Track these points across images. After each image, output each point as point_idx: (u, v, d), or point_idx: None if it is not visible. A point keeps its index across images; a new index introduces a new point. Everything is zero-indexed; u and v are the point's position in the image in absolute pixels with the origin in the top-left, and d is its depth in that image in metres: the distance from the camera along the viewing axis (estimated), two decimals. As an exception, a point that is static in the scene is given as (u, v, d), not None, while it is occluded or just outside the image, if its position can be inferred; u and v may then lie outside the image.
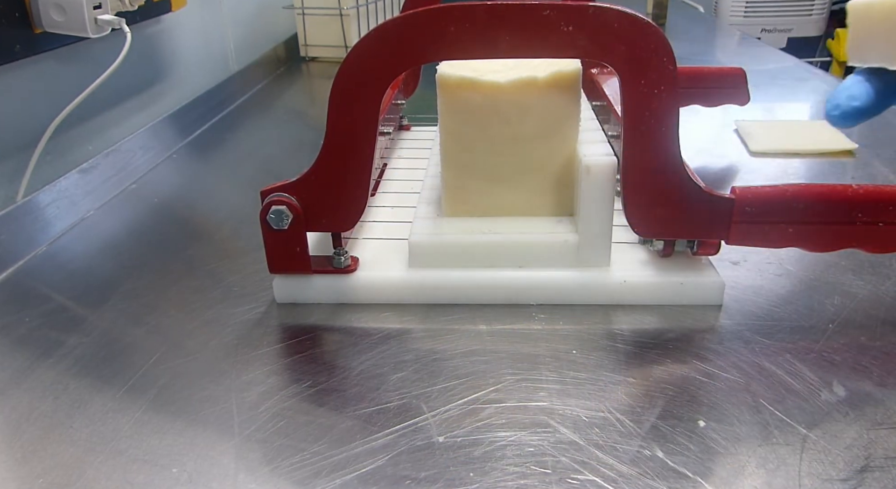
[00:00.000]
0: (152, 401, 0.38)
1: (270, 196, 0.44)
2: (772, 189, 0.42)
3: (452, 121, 0.47)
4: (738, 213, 0.42)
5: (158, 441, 0.35)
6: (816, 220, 0.42)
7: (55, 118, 0.65)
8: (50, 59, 0.66)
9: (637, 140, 0.41)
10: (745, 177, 0.69)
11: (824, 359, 0.40)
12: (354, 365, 0.41)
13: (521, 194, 0.48)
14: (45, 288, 0.51)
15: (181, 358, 0.42)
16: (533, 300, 0.46)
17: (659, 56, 0.39)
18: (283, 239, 0.45)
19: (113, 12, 0.67)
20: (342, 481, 0.32)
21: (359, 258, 0.48)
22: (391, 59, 0.40)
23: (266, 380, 0.40)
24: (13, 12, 0.60)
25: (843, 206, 0.42)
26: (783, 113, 0.89)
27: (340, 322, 0.45)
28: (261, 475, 0.33)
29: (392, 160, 0.67)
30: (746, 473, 0.32)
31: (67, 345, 0.44)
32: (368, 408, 0.37)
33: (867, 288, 0.47)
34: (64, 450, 0.35)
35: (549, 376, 0.39)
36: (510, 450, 0.34)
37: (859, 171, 0.68)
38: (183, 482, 0.33)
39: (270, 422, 0.36)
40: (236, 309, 0.47)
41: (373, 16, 1.23)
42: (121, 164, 0.71)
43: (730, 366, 0.40)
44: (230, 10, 1.06)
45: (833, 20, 2.23)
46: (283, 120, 0.94)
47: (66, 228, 0.60)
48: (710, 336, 0.43)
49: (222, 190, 0.70)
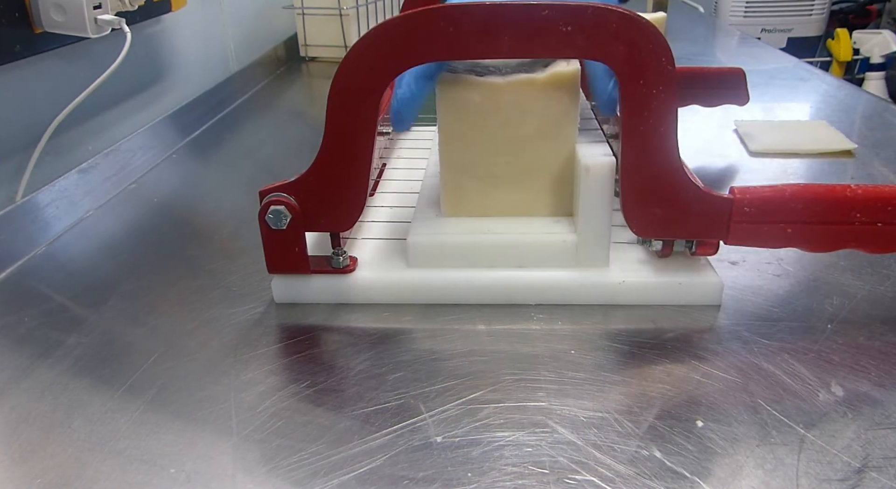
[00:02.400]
0: (151, 401, 0.38)
1: (269, 196, 0.44)
2: (771, 189, 0.42)
3: (451, 121, 0.47)
4: (737, 214, 0.42)
5: (157, 441, 0.35)
6: (815, 220, 0.42)
7: (55, 118, 0.65)
8: (50, 59, 0.66)
9: (636, 140, 0.41)
10: (744, 177, 0.69)
11: (823, 360, 0.40)
12: (353, 365, 0.41)
13: (519, 194, 0.48)
14: (44, 288, 0.51)
15: (180, 358, 0.42)
16: (532, 300, 0.46)
17: (658, 56, 0.39)
18: (282, 239, 0.45)
19: (113, 12, 0.67)
20: (340, 481, 0.32)
21: (357, 258, 0.48)
22: (391, 59, 0.40)
23: (265, 380, 0.40)
24: (13, 12, 0.60)
25: (842, 206, 0.42)
26: (783, 113, 0.89)
27: (339, 322, 0.45)
28: (259, 475, 0.33)
29: (391, 160, 0.67)
30: (744, 473, 0.32)
31: (67, 345, 0.44)
32: (367, 408, 0.37)
33: (866, 288, 0.47)
34: (62, 450, 0.35)
35: (547, 376, 0.39)
36: (508, 450, 0.34)
37: (859, 171, 0.68)
38: (181, 482, 0.33)
39: (269, 422, 0.36)
40: (235, 309, 0.47)
41: (373, 16, 1.23)
42: (121, 164, 0.71)
43: (728, 367, 0.40)
44: (230, 10, 1.06)
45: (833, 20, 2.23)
46: (282, 120, 0.94)
47: (66, 228, 0.60)
48: (708, 336, 0.43)
49: (222, 190, 0.70)
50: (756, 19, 2.17)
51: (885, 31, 2.05)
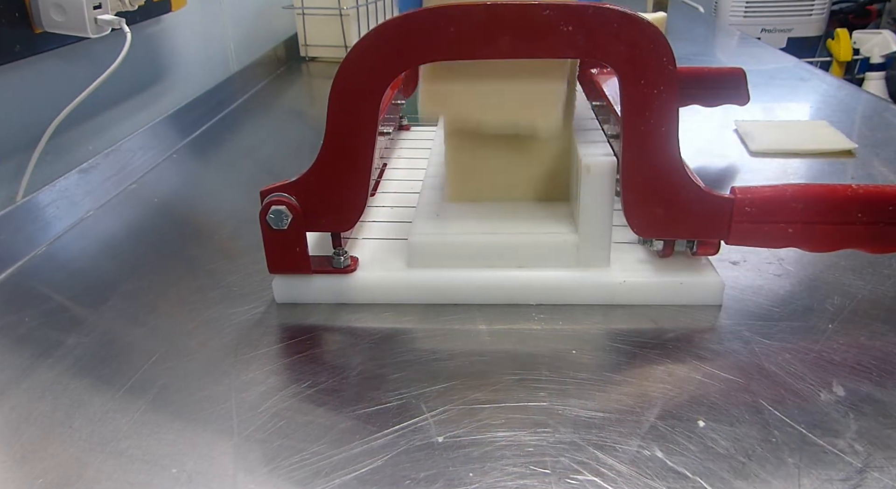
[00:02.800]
0: (152, 401, 0.38)
1: (270, 196, 0.44)
2: (771, 189, 0.42)
3: None
4: (738, 213, 0.42)
5: (158, 441, 0.35)
6: (816, 220, 0.42)
7: (55, 118, 0.65)
8: (50, 59, 0.66)
9: (636, 140, 0.41)
10: (744, 177, 0.69)
11: (824, 360, 0.40)
12: (354, 365, 0.41)
13: (520, 172, 0.50)
14: (44, 288, 0.51)
15: (181, 358, 0.42)
16: (532, 300, 0.46)
17: (658, 56, 0.39)
18: (283, 239, 0.45)
19: (113, 12, 0.67)
20: (341, 481, 0.32)
21: (358, 258, 0.48)
22: (391, 59, 0.40)
23: (265, 380, 0.40)
24: (13, 12, 0.60)
25: (843, 206, 0.42)
26: (783, 113, 0.89)
27: (340, 322, 0.45)
28: (260, 475, 0.33)
29: (392, 160, 0.67)
30: (746, 473, 0.32)
31: (67, 345, 0.43)
32: (368, 408, 0.37)
33: (867, 288, 0.47)
34: (63, 451, 0.35)
35: (548, 376, 0.39)
36: (510, 450, 0.34)
37: (859, 171, 0.68)
38: (182, 482, 0.33)
39: (270, 422, 0.36)
40: (236, 309, 0.47)
41: (373, 16, 1.23)
42: (121, 164, 0.71)
43: (729, 367, 0.40)
44: (230, 10, 1.06)
45: (833, 20, 2.23)
46: (282, 120, 0.94)
47: (66, 228, 0.60)
48: (709, 336, 0.43)
49: (222, 190, 0.70)
50: (756, 19, 2.17)
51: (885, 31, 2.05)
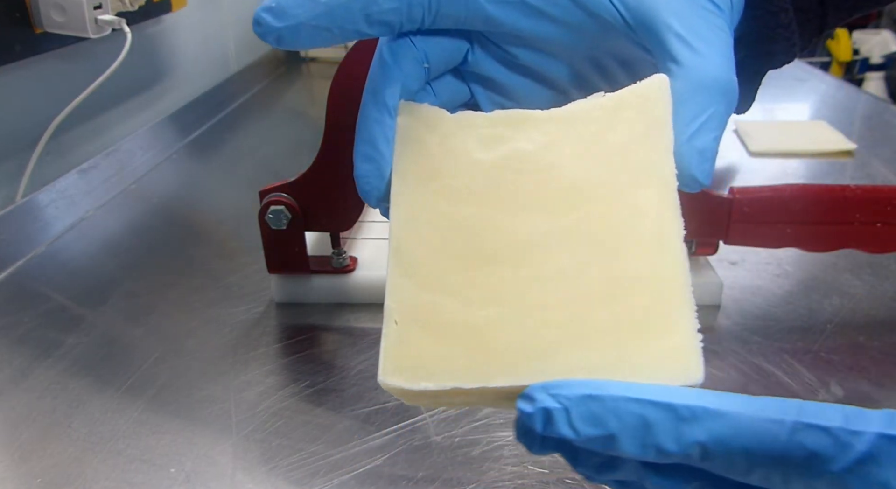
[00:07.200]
0: (151, 400, 0.38)
1: (269, 196, 0.44)
2: (770, 189, 0.42)
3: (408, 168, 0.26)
4: (737, 214, 0.42)
5: (157, 440, 0.35)
6: (815, 220, 0.42)
7: (55, 118, 0.65)
8: (50, 59, 0.66)
9: (635, 140, 0.41)
10: (744, 177, 0.69)
11: (822, 360, 0.40)
12: (353, 365, 0.41)
13: None
14: (44, 288, 0.51)
15: (180, 357, 0.42)
16: (531, 300, 0.46)
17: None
18: (282, 239, 0.45)
19: (113, 12, 0.67)
20: (340, 481, 0.32)
21: (357, 258, 0.48)
22: (390, 59, 0.40)
23: (264, 379, 0.40)
24: (13, 12, 0.60)
25: (842, 206, 0.42)
26: (782, 113, 0.89)
27: (339, 322, 0.45)
28: (258, 475, 0.33)
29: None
30: (743, 473, 0.32)
31: (66, 345, 0.44)
32: (366, 407, 0.37)
33: (865, 288, 0.47)
34: (62, 450, 0.35)
35: (547, 376, 0.39)
36: (508, 449, 0.34)
37: (858, 172, 0.68)
38: (181, 481, 0.33)
39: (268, 421, 0.36)
40: (235, 309, 0.47)
41: (373, 16, 1.23)
42: (121, 163, 0.71)
43: (728, 366, 0.40)
44: (230, 10, 1.06)
45: (833, 20, 2.22)
46: (282, 120, 0.94)
47: (66, 228, 0.60)
48: (708, 336, 0.42)
49: (222, 190, 0.70)
50: (756, 19, 2.17)
51: (884, 31, 2.05)
